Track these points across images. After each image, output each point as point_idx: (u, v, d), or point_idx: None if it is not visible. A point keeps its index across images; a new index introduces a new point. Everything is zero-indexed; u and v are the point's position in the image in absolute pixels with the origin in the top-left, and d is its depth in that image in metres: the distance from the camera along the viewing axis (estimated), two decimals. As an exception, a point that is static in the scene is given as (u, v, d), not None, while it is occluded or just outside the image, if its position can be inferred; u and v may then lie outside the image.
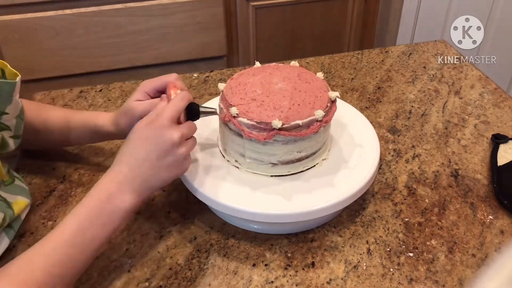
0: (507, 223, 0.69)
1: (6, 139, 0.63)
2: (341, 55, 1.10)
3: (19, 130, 0.66)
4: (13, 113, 0.63)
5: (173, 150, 0.57)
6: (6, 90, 0.59)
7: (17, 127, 0.65)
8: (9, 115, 0.62)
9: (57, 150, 0.81)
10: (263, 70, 0.70)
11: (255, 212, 0.61)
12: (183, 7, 1.50)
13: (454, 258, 0.64)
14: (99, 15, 1.45)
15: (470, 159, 0.81)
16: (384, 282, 0.61)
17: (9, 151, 0.65)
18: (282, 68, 0.71)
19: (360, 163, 0.68)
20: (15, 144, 0.66)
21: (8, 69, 0.60)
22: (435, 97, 0.96)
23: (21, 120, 0.65)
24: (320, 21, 1.72)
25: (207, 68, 1.07)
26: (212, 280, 0.61)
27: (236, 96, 0.65)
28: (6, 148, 0.64)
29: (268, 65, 0.72)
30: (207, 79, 1.02)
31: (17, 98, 0.63)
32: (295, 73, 0.69)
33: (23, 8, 1.40)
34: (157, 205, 0.72)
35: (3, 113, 0.61)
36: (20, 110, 0.65)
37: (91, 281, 0.61)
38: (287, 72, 0.69)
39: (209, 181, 0.65)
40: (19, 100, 0.63)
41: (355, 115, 0.78)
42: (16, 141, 0.66)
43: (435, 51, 1.12)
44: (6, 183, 0.65)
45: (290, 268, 0.63)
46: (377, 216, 0.70)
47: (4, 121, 0.62)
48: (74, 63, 1.52)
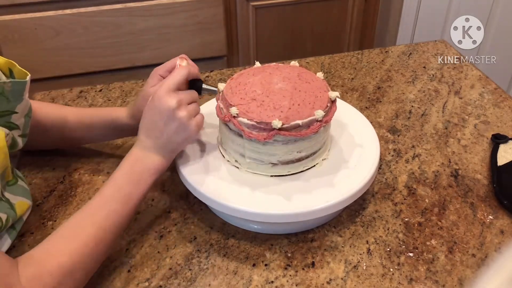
0: (507, 223, 0.69)
1: (15, 138, 0.64)
2: (341, 55, 1.10)
3: (27, 129, 0.66)
4: (22, 112, 0.63)
5: (174, 114, 0.61)
6: (17, 89, 0.60)
7: (25, 126, 0.66)
8: (18, 114, 0.62)
9: (57, 150, 0.81)
10: (263, 70, 0.70)
11: (255, 212, 0.61)
12: (183, 7, 1.50)
13: (454, 258, 0.64)
14: (99, 15, 1.45)
15: (470, 159, 0.81)
16: (384, 282, 0.61)
17: (17, 150, 0.66)
18: (282, 68, 0.70)
19: (360, 163, 0.68)
20: (23, 143, 0.66)
21: (17, 68, 0.61)
22: (435, 97, 0.96)
23: (28, 118, 0.66)
24: (320, 21, 1.72)
25: (207, 68, 1.06)
26: (212, 280, 0.61)
27: (236, 96, 0.65)
28: (16, 147, 0.65)
29: (268, 65, 0.72)
30: (207, 79, 1.02)
31: (27, 97, 0.63)
32: (295, 73, 0.69)
33: (23, 8, 1.40)
34: (157, 205, 0.72)
35: (13, 112, 0.61)
36: (28, 109, 0.65)
37: (91, 281, 0.61)
38: (287, 72, 0.69)
39: (209, 181, 0.65)
40: (28, 99, 0.64)
41: (355, 115, 0.78)
42: (24, 139, 0.66)
43: (435, 51, 1.12)
44: (10, 183, 0.65)
45: (290, 268, 0.63)
46: (377, 216, 0.70)
47: (13, 120, 0.62)
48: (74, 63, 1.52)
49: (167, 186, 0.75)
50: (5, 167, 0.61)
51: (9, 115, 0.61)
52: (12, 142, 0.63)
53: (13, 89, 0.59)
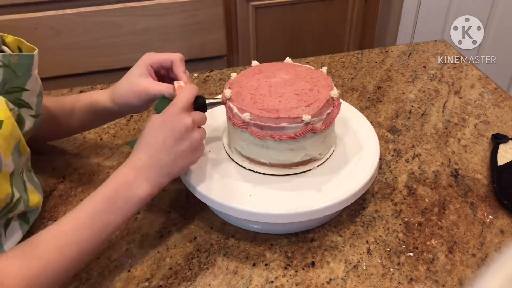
0: (507, 223, 0.69)
1: (23, 116, 0.62)
2: (341, 55, 1.10)
3: (39, 109, 0.65)
4: (32, 90, 0.61)
5: (187, 134, 0.59)
6: (24, 64, 0.59)
7: (38, 106, 0.64)
8: (29, 92, 0.61)
9: (57, 150, 0.81)
10: (265, 69, 0.70)
11: (255, 212, 0.61)
12: (183, 7, 1.50)
13: (454, 258, 0.64)
14: (99, 15, 1.45)
15: (470, 159, 0.81)
16: (384, 282, 0.61)
17: (25, 130, 0.63)
18: (282, 66, 0.71)
19: (360, 163, 0.68)
20: (34, 125, 0.65)
21: (25, 44, 0.60)
22: (435, 97, 0.96)
23: (41, 98, 0.64)
24: (320, 21, 1.72)
25: (207, 68, 1.07)
26: (212, 280, 0.61)
27: (246, 100, 0.65)
28: (21, 125, 0.62)
29: (269, 64, 0.72)
30: (207, 79, 1.02)
31: (36, 74, 0.62)
32: (299, 70, 0.69)
33: (23, 8, 1.40)
34: (157, 205, 0.72)
35: (23, 90, 0.60)
36: (40, 88, 0.64)
37: (91, 281, 0.61)
38: (293, 69, 0.69)
39: (209, 181, 0.65)
40: (38, 77, 0.62)
41: (355, 115, 0.78)
42: (36, 121, 0.65)
43: (435, 51, 1.12)
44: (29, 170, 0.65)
45: (290, 268, 0.63)
46: (377, 216, 0.70)
47: (24, 98, 0.61)
48: (74, 63, 1.52)
49: (167, 186, 0.75)
50: (17, 139, 0.59)
51: (19, 91, 0.60)
52: (18, 119, 0.61)
53: (20, 62, 0.58)
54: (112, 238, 0.66)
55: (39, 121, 0.66)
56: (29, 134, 0.65)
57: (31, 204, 0.64)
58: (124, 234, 0.67)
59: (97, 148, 0.82)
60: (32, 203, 0.64)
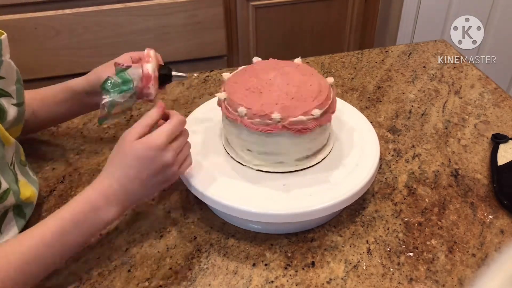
0: (507, 223, 0.69)
1: (4, 106, 0.61)
2: (341, 54, 1.10)
3: (21, 97, 0.64)
4: (9, 77, 0.60)
5: (164, 171, 0.59)
6: None
7: (18, 93, 0.63)
8: (5, 80, 0.60)
9: (57, 150, 0.81)
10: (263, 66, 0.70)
11: (255, 212, 0.61)
12: (183, 7, 1.50)
13: (454, 258, 0.64)
14: (99, 15, 1.45)
15: (470, 158, 0.81)
16: (384, 282, 0.61)
17: (9, 120, 0.63)
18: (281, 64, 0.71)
19: (360, 163, 0.68)
20: (18, 114, 0.64)
21: None
22: (435, 96, 0.96)
23: (20, 85, 0.63)
24: (320, 21, 1.72)
25: (207, 68, 1.07)
26: (212, 280, 0.61)
27: (240, 94, 0.65)
28: (4, 115, 0.61)
29: (265, 61, 0.72)
30: (207, 79, 1.02)
31: (8, 59, 0.61)
32: (294, 67, 0.69)
33: (23, 8, 1.40)
34: (157, 205, 0.72)
35: None
36: (17, 75, 0.63)
37: (91, 281, 0.61)
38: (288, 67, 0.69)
39: (208, 181, 0.65)
40: (11, 62, 0.61)
41: (355, 115, 0.78)
42: (20, 110, 0.64)
43: (435, 51, 1.12)
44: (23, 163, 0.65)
45: (290, 267, 0.63)
46: (377, 216, 0.70)
47: (2, 86, 0.60)
48: (74, 63, 1.52)
49: (167, 186, 0.75)
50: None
51: None
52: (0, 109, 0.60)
53: None
54: (112, 238, 0.66)
55: (24, 109, 0.65)
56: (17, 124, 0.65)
57: (23, 197, 0.63)
58: (124, 234, 0.67)
59: (97, 148, 0.82)
60: (24, 196, 0.64)
